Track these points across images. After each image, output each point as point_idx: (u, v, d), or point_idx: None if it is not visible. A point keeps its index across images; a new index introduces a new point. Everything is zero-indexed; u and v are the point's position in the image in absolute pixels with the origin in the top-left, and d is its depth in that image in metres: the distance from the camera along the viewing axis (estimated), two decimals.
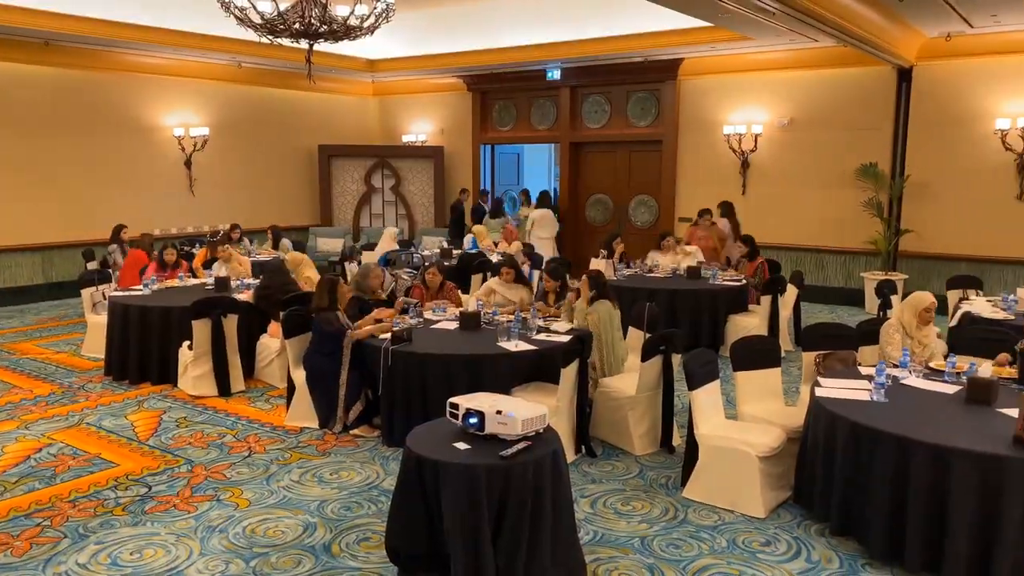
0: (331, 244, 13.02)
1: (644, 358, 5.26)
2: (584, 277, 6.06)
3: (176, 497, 4.66)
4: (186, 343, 6.73)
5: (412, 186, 14.40)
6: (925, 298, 5.24)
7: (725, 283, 8.29)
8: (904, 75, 10.14)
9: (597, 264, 8.79)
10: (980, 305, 7.06)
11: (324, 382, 5.64)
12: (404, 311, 6.32)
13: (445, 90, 14.33)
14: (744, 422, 4.87)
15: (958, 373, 4.58)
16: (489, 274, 8.21)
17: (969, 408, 4.16)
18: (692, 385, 4.61)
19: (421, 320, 6.18)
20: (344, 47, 8.66)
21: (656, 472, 5.07)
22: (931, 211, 10.12)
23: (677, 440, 5.48)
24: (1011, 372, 4.66)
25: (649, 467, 5.16)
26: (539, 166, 16.49)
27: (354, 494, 4.72)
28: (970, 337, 5.56)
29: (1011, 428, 3.67)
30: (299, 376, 5.85)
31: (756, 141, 11.22)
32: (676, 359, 5.40)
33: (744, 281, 8.44)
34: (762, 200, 11.34)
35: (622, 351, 5.87)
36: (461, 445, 3.51)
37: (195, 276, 8.74)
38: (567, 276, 6.81)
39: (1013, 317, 6.50)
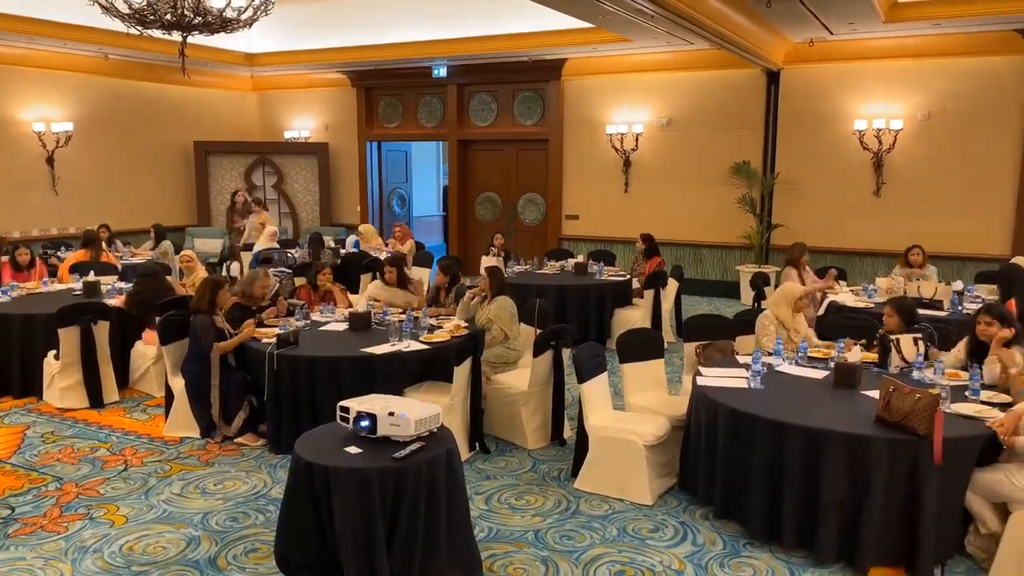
0: (209, 245, 12.48)
1: (536, 353, 5.32)
2: (484, 273, 6.12)
3: (43, 518, 4.35)
4: (52, 352, 6.29)
5: (296, 184, 14.01)
6: (796, 289, 5.65)
7: (611, 278, 8.52)
8: (773, 78, 10.70)
9: (488, 261, 8.84)
10: (844, 295, 7.55)
11: (204, 390, 5.41)
12: (290, 313, 6.14)
13: (328, 85, 14.01)
14: (631, 412, 5.02)
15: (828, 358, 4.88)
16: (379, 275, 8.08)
17: (836, 392, 4.44)
18: (582, 378, 4.70)
19: (308, 322, 6.02)
20: (221, 40, 8.32)
21: (548, 465, 5.15)
22: (799, 206, 10.73)
23: (568, 433, 5.59)
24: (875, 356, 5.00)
25: (542, 461, 5.23)
26: (428, 164, 16.40)
27: (240, 504, 4.55)
28: (836, 325, 5.94)
29: (874, 409, 3.95)
30: (178, 384, 5.58)
31: (637, 140, 11.56)
32: (566, 353, 5.50)
33: (628, 276, 8.69)
34: (643, 197, 11.70)
35: (520, 345, 5.94)
36: (352, 449, 3.44)
37: (59, 280, 8.18)
38: (459, 273, 6.82)
39: (873, 305, 6.99)
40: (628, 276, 8.73)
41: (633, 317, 8.07)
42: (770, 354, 5.07)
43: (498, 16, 10.36)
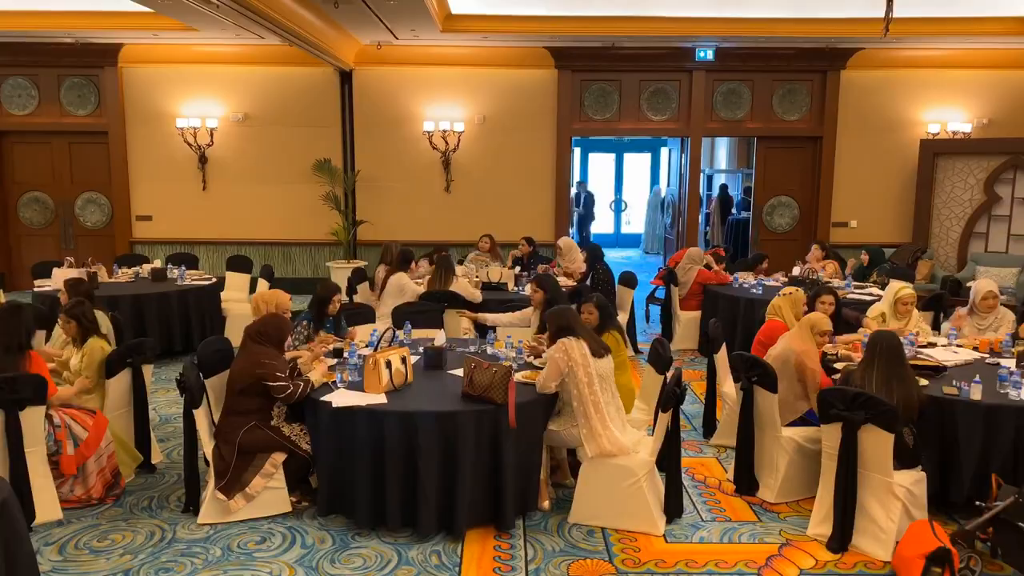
0: None
1: (109, 373, 4.75)
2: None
3: None
4: None
5: None
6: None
7: (195, 283, 7.98)
8: (346, 77, 10.98)
9: (63, 274, 7.27)
10: (463, 287, 7.97)
11: None
12: None
13: None
14: None
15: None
16: None
17: (427, 374, 4.75)
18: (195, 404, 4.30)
19: None
20: None
21: (137, 496, 4.64)
22: (381, 202, 11.22)
23: (157, 456, 5.10)
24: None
25: (128, 492, 4.69)
26: None
27: None
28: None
29: (460, 386, 4.31)
30: None
31: (212, 135, 10.96)
32: (148, 370, 5.01)
33: (215, 280, 8.24)
34: (224, 196, 11.16)
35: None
36: None
37: None
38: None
39: None
40: (214, 279, 8.25)
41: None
42: (367, 345, 5.21)
43: None
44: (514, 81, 11.00)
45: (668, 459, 4.32)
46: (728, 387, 5.37)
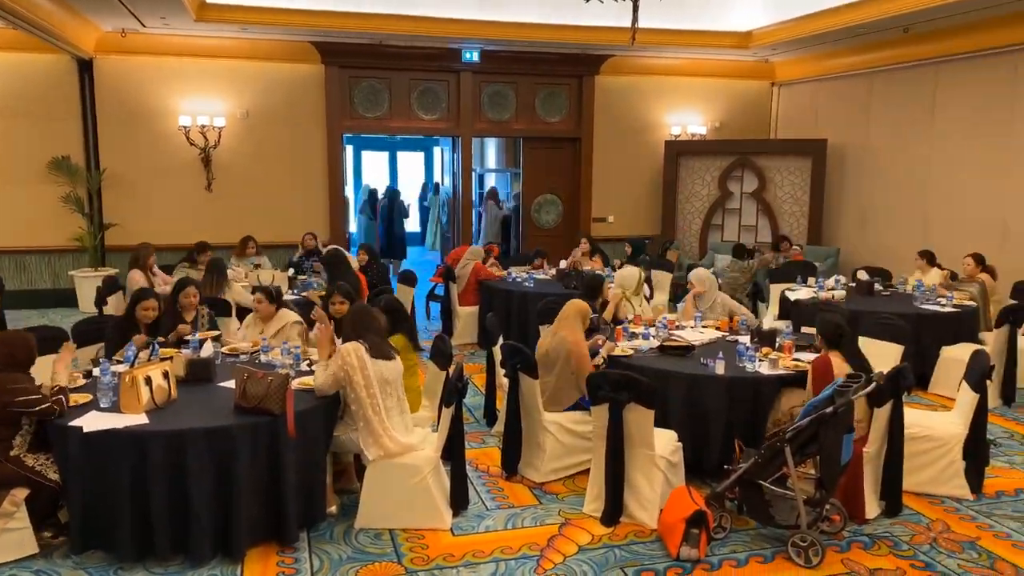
0: None
1: None
2: None
3: None
4: None
5: None
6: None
7: None
8: (86, 67, 9.92)
9: None
10: (239, 292, 7.41)
11: None
12: None
13: None
14: None
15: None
16: None
17: (191, 388, 4.39)
18: None
19: None
20: None
21: None
22: (133, 204, 10.26)
23: None
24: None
25: None
26: None
27: None
28: None
29: (231, 399, 4.06)
30: None
31: None
32: None
33: None
34: None
35: None
36: None
37: None
38: None
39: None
40: None
41: None
42: (119, 362, 4.76)
43: None
44: (279, 75, 10.56)
45: (452, 452, 4.39)
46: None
